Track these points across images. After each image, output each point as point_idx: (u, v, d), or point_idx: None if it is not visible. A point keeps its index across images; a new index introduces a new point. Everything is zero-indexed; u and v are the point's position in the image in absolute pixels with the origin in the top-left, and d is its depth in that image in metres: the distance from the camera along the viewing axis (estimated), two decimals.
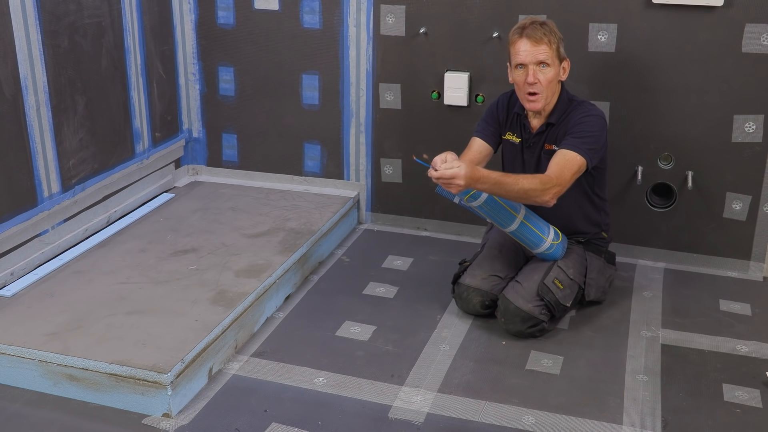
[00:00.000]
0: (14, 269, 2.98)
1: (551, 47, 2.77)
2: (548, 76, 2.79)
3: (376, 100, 3.71)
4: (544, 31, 2.77)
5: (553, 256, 2.93)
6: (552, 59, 2.78)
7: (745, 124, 3.25)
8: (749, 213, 3.34)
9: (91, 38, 3.31)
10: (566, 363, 2.74)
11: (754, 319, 3.05)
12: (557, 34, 2.80)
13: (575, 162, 2.77)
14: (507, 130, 3.02)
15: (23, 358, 2.54)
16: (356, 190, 3.87)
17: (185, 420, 2.43)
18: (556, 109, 2.89)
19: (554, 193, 2.72)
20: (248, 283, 2.97)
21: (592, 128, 2.83)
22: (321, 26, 3.68)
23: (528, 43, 2.76)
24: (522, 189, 2.67)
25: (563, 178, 2.74)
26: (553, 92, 2.86)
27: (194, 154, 4.10)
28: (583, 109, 2.88)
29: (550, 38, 2.77)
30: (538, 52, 2.76)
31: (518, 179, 2.69)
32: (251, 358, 2.76)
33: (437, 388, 2.59)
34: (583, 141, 2.80)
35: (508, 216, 2.83)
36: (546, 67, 2.78)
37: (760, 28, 3.12)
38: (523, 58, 2.78)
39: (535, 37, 2.76)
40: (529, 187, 2.68)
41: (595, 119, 2.85)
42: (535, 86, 2.79)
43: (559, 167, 2.75)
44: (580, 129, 2.82)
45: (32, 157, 3.05)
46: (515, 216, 2.83)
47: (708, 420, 2.45)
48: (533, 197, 2.70)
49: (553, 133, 2.90)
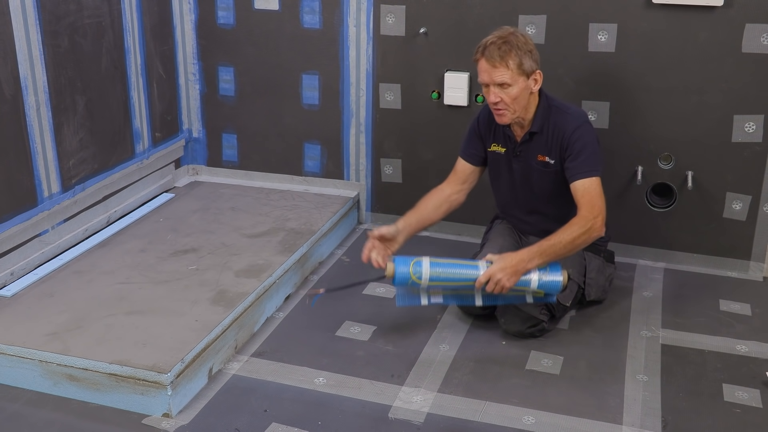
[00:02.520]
0: (14, 269, 2.98)
1: (510, 68, 2.69)
2: (512, 95, 2.73)
3: (376, 100, 3.71)
4: (501, 53, 2.68)
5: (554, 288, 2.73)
6: (513, 78, 2.71)
7: (745, 124, 3.25)
8: (749, 213, 3.34)
9: (91, 38, 3.31)
10: (566, 363, 2.74)
11: (754, 319, 3.05)
12: (523, 48, 2.70)
13: (596, 186, 2.77)
14: (492, 142, 2.98)
15: (23, 358, 2.54)
16: (356, 190, 3.87)
17: (185, 420, 2.43)
18: (536, 117, 2.85)
19: (600, 224, 2.72)
20: (248, 283, 2.97)
21: (588, 140, 2.80)
22: (321, 26, 3.68)
23: (486, 63, 2.72)
24: (569, 243, 2.67)
25: (597, 208, 2.73)
26: (524, 105, 2.79)
27: (194, 154, 4.10)
28: (569, 119, 2.82)
29: (508, 59, 2.68)
30: (496, 75, 2.71)
31: (558, 236, 2.68)
32: (251, 358, 2.76)
33: (437, 388, 2.59)
34: (589, 161, 2.78)
35: (469, 269, 2.72)
36: (507, 86, 2.72)
37: (760, 28, 3.12)
38: (483, 78, 2.75)
39: (493, 60, 2.69)
40: (574, 237, 2.67)
41: (584, 129, 2.82)
42: (499, 104, 2.76)
43: (586, 200, 2.74)
44: (579, 147, 2.79)
45: (32, 157, 3.05)
46: (476, 264, 2.73)
47: (708, 420, 2.45)
48: (585, 242, 2.71)
49: (541, 141, 2.87)
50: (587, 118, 2.88)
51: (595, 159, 2.80)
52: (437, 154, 3.66)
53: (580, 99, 3.40)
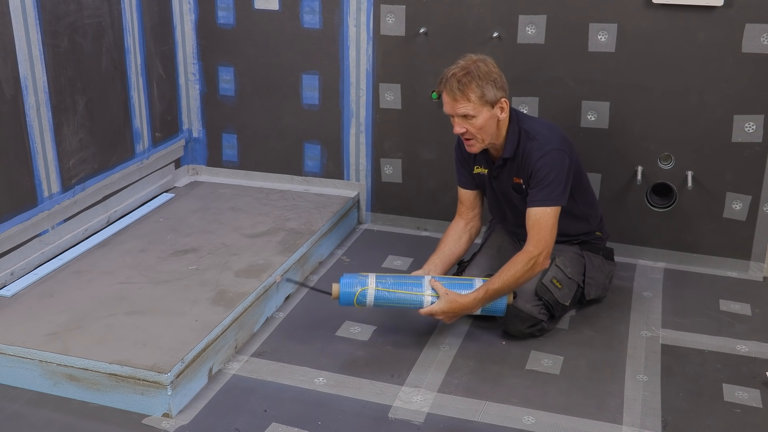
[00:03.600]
0: (14, 269, 2.98)
1: (471, 100, 2.68)
2: (476, 125, 2.72)
3: (376, 100, 3.71)
4: (461, 86, 2.66)
5: (498, 307, 2.78)
6: (476, 109, 2.69)
7: (745, 124, 3.25)
8: (749, 213, 3.34)
9: (91, 38, 3.31)
10: (566, 363, 2.74)
11: (754, 319, 3.05)
12: (485, 78, 2.67)
13: (547, 216, 2.75)
14: (474, 164, 2.98)
15: (23, 358, 2.54)
16: (356, 190, 3.87)
17: (185, 420, 2.43)
18: (507, 143, 2.82)
19: (543, 258, 2.75)
20: (248, 283, 2.97)
21: (551, 171, 2.75)
22: (321, 26, 3.68)
23: (447, 97, 2.72)
24: (512, 283, 2.72)
25: (544, 240, 2.74)
26: (492, 133, 2.77)
27: (194, 154, 4.10)
28: (535, 146, 2.78)
29: (469, 91, 2.67)
30: (458, 107, 2.70)
31: (502, 278, 2.72)
32: (251, 358, 2.76)
33: (437, 388, 2.59)
34: (547, 190, 2.75)
35: (413, 300, 2.75)
36: (472, 117, 2.71)
37: (760, 28, 3.12)
38: (446, 110, 2.75)
39: (453, 93, 2.69)
40: (518, 276, 2.72)
41: (548, 157, 2.75)
42: (465, 134, 2.75)
43: (535, 232, 2.75)
44: (540, 177, 2.75)
45: (32, 157, 3.05)
46: (421, 295, 2.74)
47: (708, 420, 2.45)
48: (529, 278, 2.76)
49: (514, 166, 2.86)
50: (556, 145, 2.78)
51: (554, 188, 2.75)
52: (437, 154, 3.66)
53: (580, 99, 3.40)
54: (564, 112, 3.43)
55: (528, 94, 3.43)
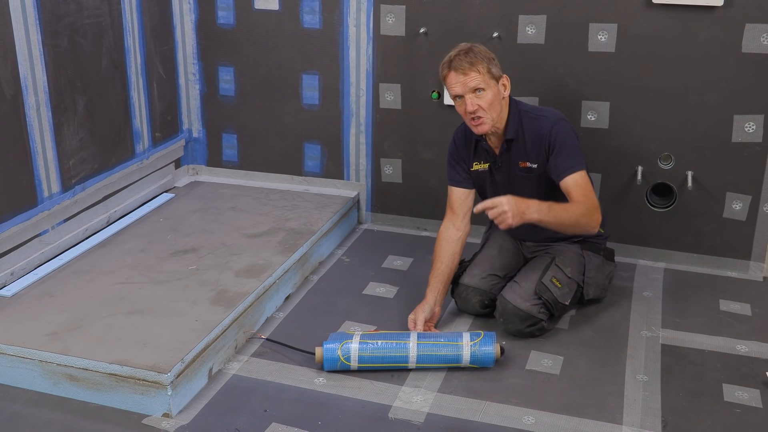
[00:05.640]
0: (14, 269, 2.98)
1: (481, 72, 2.73)
2: (487, 99, 2.75)
3: (376, 100, 3.71)
4: (469, 59, 2.72)
5: (486, 360, 2.67)
6: (486, 82, 2.73)
7: (745, 124, 3.25)
8: (749, 213, 3.34)
9: (91, 38, 3.31)
10: (566, 363, 2.74)
11: (754, 319, 3.05)
12: (486, 56, 2.75)
13: (583, 179, 2.78)
14: (473, 161, 2.98)
15: (23, 358, 2.54)
16: (356, 190, 3.87)
17: (185, 420, 2.43)
18: (509, 124, 2.85)
19: (598, 218, 2.77)
20: (248, 283, 2.97)
21: (566, 136, 2.81)
22: (321, 26, 3.68)
23: (457, 75, 2.74)
24: (572, 216, 2.70)
25: (591, 198, 2.76)
26: (499, 111, 2.80)
27: (194, 154, 4.10)
28: (543, 121, 2.84)
29: (477, 64, 2.72)
30: (469, 80, 2.73)
31: (567, 207, 2.71)
32: (251, 358, 2.76)
33: (437, 388, 2.59)
34: (571, 156, 2.79)
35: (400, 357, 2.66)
36: (482, 91, 2.74)
37: (760, 28, 3.12)
38: (457, 89, 2.75)
39: (462, 67, 2.72)
40: (579, 214, 2.71)
41: (560, 126, 2.82)
42: (478, 111, 2.76)
43: (579, 191, 2.76)
44: (560, 143, 2.80)
45: (32, 157, 3.05)
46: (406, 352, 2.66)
47: (708, 420, 2.45)
48: (585, 225, 2.75)
49: (519, 148, 2.87)
50: (562, 116, 2.88)
51: (575, 154, 2.80)
52: (437, 154, 3.65)
53: (580, 99, 3.40)
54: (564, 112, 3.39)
55: (528, 94, 3.43)
